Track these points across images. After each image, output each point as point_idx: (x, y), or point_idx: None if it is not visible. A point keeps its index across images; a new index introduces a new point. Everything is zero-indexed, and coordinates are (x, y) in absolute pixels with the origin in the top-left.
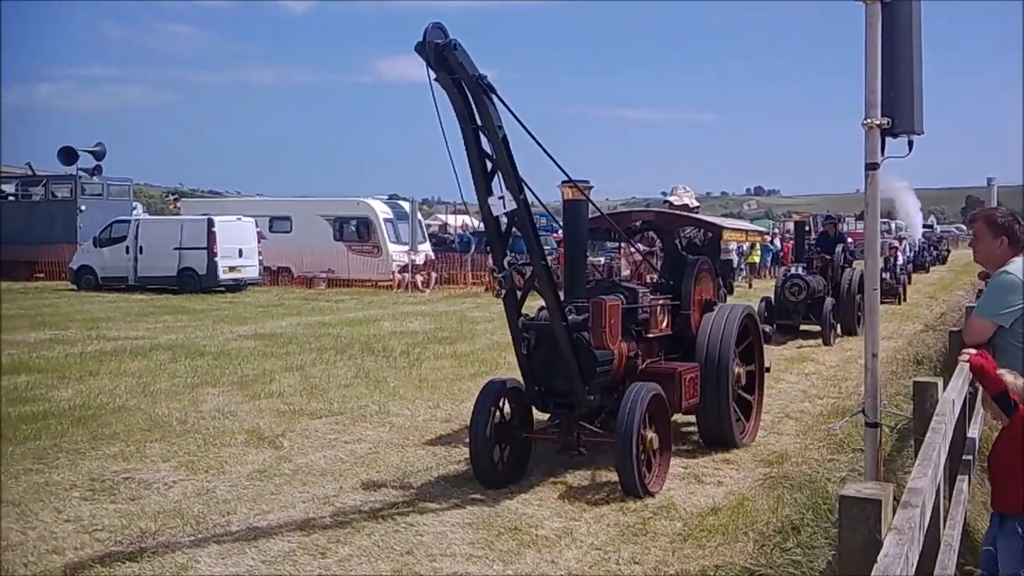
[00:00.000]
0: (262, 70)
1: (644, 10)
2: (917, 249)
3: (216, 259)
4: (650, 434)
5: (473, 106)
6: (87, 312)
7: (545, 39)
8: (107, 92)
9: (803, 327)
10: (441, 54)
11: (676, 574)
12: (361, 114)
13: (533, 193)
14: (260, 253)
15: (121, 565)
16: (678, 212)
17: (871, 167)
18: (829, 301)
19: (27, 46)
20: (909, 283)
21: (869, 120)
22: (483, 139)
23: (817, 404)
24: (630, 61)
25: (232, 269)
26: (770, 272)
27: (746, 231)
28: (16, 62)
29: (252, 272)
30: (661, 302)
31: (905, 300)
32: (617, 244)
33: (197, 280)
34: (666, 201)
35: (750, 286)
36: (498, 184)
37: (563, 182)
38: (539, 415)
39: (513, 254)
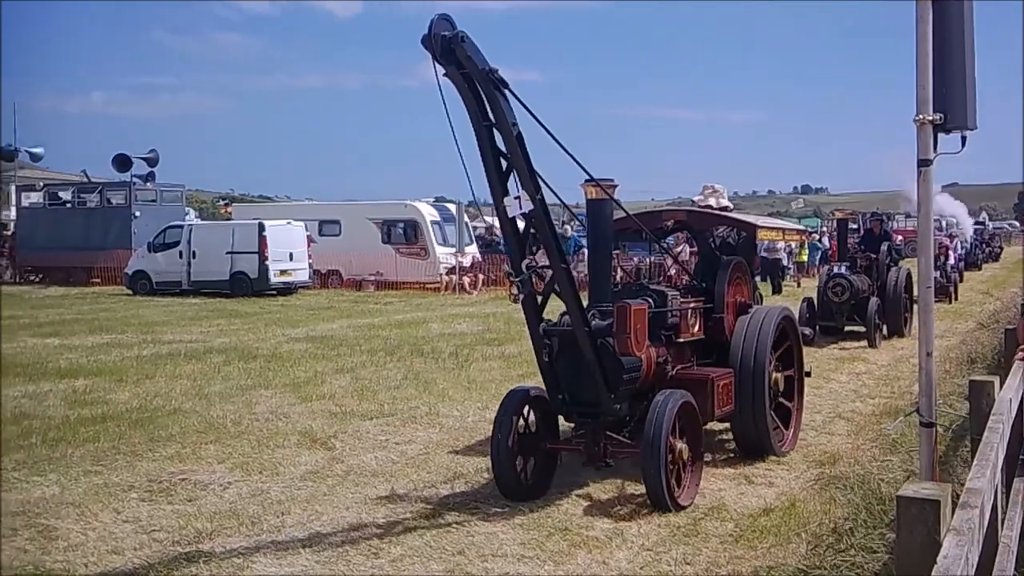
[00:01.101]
0: (310, 75)
1: (690, 9)
2: (969, 247)
3: (267, 263)
4: (680, 444)
5: (485, 102)
6: (142, 316)
7: (590, 39)
8: (160, 100)
9: (848, 328)
10: (448, 47)
11: (728, 575)
12: (408, 117)
13: (555, 194)
14: (310, 256)
15: (179, 565)
16: (711, 211)
17: (924, 163)
18: (874, 301)
19: (81, 55)
20: (961, 281)
21: (921, 116)
22: (497, 137)
23: (869, 404)
24: (676, 61)
25: (283, 272)
26: (818, 271)
27: (783, 230)
28: (71, 71)
29: (302, 275)
30: (692, 305)
31: (957, 299)
32: (664, 244)
33: (249, 284)
34: (705, 205)
35: (799, 285)
36: (514, 184)
37: (586, 181)
38: (566, 424)
39: (532, 257)
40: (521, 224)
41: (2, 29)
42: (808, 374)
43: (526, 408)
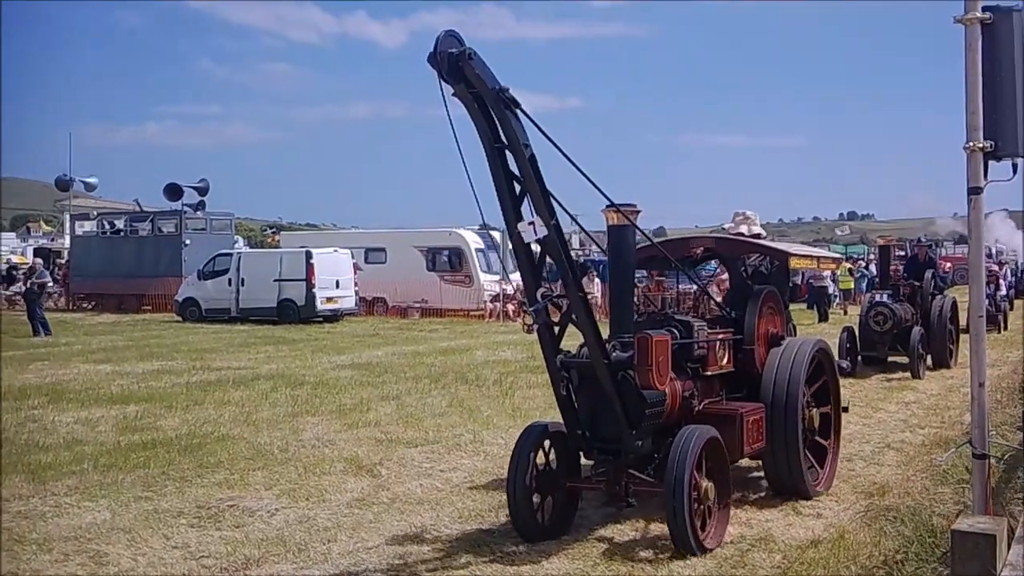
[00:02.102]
0: (357, 105)
1: (732, 36)
2: (1020, 274)
3: (314, 290)
4: (705, 483)
5: (496, 123)
6: (192, 343)
7: (630, 67)
8: (209, 129)
9: (891, 359)
10: (456, 64)
11: None
12: (453, 146)
13: (574, 219)
14: (356, 284)
15: None
16: (740, 238)
17: (974, 191)
18: (917, 331)
19: (134, 87)
20: (1011, 309)
21: (971, 143)
22: (510, 159)
23: (919, 434)
24: (719, 87)
25: (329, 300)
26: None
27: (818, 258)
28: (123, 103)
29: (349, 303)
30: (721, 336)
31: (1006, 328)
32: (690, 273)
33: (296, 311)
34: (738, 233)
35: (845, 312)
36: (529, 209)
37: (607, 206)
38: (588, 461)
39: (548, 284)
40: (537, 250)
41: (2, 29)
42: (846, 409)
43: (545, 444)
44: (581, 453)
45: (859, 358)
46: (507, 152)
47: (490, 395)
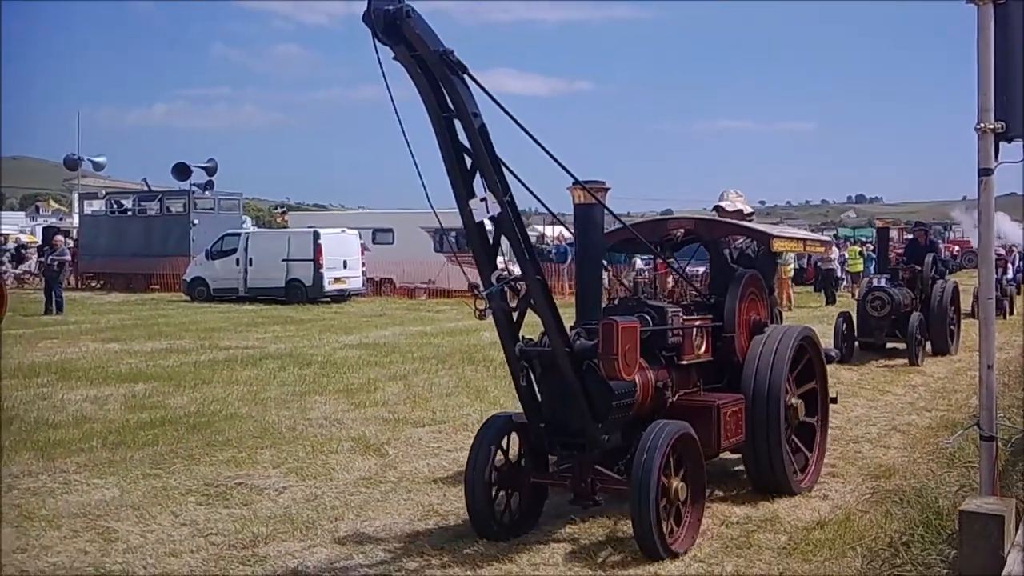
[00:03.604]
0: (365, 87)
1: (741, 20)
2: None
3: (322, 270)
4: (676, 482)
5: (443, 89)
6: (200, 322)
7: (640, 51)
8: (218, 111)
9: (890, 345)
10: (392, 23)
11: None
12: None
13: (535, 195)
14: (363, 264)
15: (235, 568)
16: (721, 219)
17: (984, 172)
18: (916, 316)
19: (143, 68)
20: (1018, 294)
21: (982, 124)
22: (459, 130)
23: (925, 416)
24: (727, 72)
25: (337, 280)
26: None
27: (804, 240)
28: (133, 84)
29: (356, 283)
30: (698, 323)
31: (1012, 313)
32: (665, 255)
33: (304, 291)
34: (716, 208)
35: (853, 296)
36: (482, 184)
37: (573, 184)
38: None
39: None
40: (491, 229)
41: (2, 28)
42: (834, 400)
43: (510, 436)
44: (544, 447)
45: (856, 345)
46: (456, 122)
47: (497, 376)
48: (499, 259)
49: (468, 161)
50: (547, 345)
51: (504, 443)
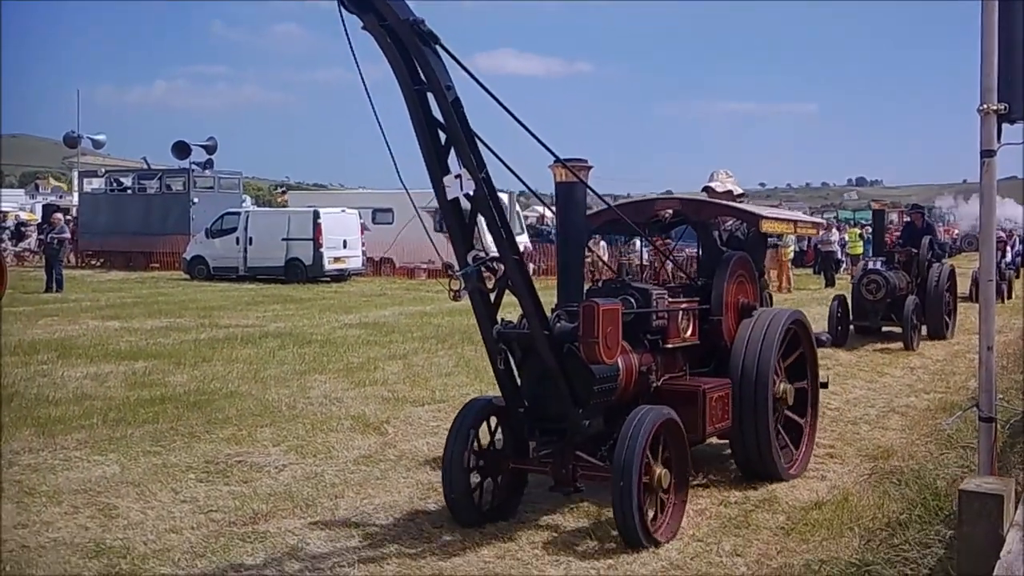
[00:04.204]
0: (366, 67)
1: (740, 3)
2: None
3: (322, 250)
4: (659, 469)
5: (414, 60)
6: (200, 301)
7: (641, 32)
8: (219, 89)
9: (886, 329)
10: None
11: (779, 567)
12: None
13: (513, 172)
14: (363, 244)
15: (236, 544)
16: (708, 200)
17: (987, 154)
18: (912, 300)
19: (143, 46)
20: (1017, 278)
21: (985, 105)
22: (433, 104)
23: (924, 399)
24: (729, 54)
25: (337, 259)
26: None
27: (795, 222)
28: (133, 62)
29: (356, 263)
30: (684, 306)
31: (1010, 297)
32: (652, 238)
33: (303, 270)
34: (706, 188)
35: (852, 278)
36: (457, 160)
37: (554, 162)
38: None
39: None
40: (468, 207)
41: (2, 28)
42: (824, 385)
43: (490, 420)
44: (523, 432)
45: (851, 328)
46: (428, 95)
47: None
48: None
49: (443, 137)
50: (526, 328)
51: (485, 427)
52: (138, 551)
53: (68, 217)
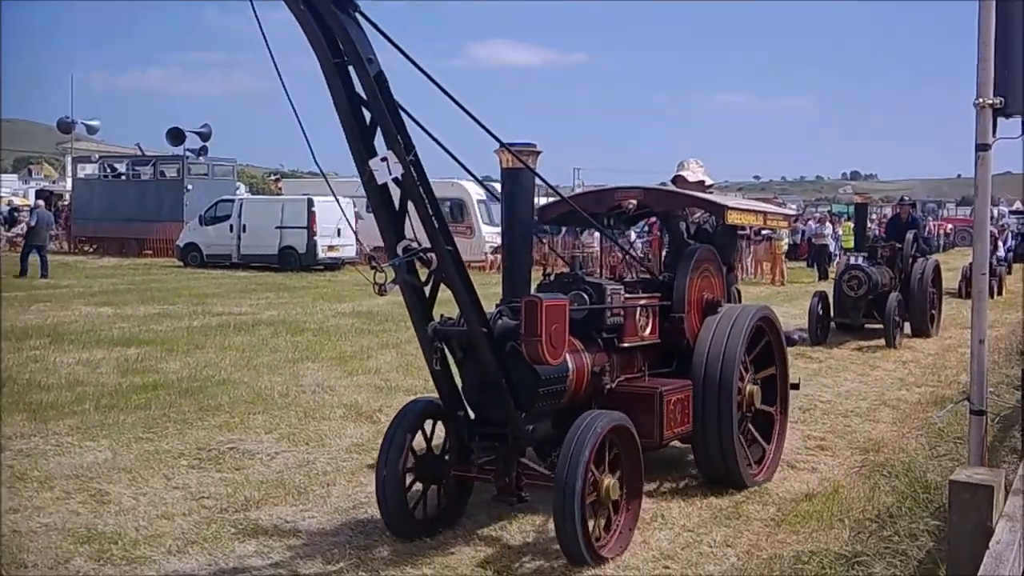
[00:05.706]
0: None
1: None
2: (1020, 238)
3: (316, 238)
4: (608, 480)
5: (333, 32)
6: (193, 288)
7: (637, 22)
8: (213, 76)
9: (869, 326)
10: None
11: (769, 558)
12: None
13: (453, 156)
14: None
15: (227, 531)
16: (671, 190)
17: (982, 148)
18: (894, 296)
19: (137, 33)
20: (1009, 273)
21: (981, 99)
22: (355, 80)
23: (915, 392)
24: (725, 47)
25: (331, 248)
26: None
27: (765, 213)
28: (128, 48)
29: (349, 251)
30: (643, 302)
31: (1000, 293)
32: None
33: (297, 258)
34: (676, 178)
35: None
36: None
37: (500, 147)
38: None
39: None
40: (397, 193)
41: (2, 27)
42: (795, 387)
43: (431, 424)
44: (464, 438)
45: (832, 325)
46: (350, 70)
47: None
48: (493, 230)
49: (367, 116)
50: (464, 324)
51: (425, 431)
52: (129, 537)
53: (62, 203)
